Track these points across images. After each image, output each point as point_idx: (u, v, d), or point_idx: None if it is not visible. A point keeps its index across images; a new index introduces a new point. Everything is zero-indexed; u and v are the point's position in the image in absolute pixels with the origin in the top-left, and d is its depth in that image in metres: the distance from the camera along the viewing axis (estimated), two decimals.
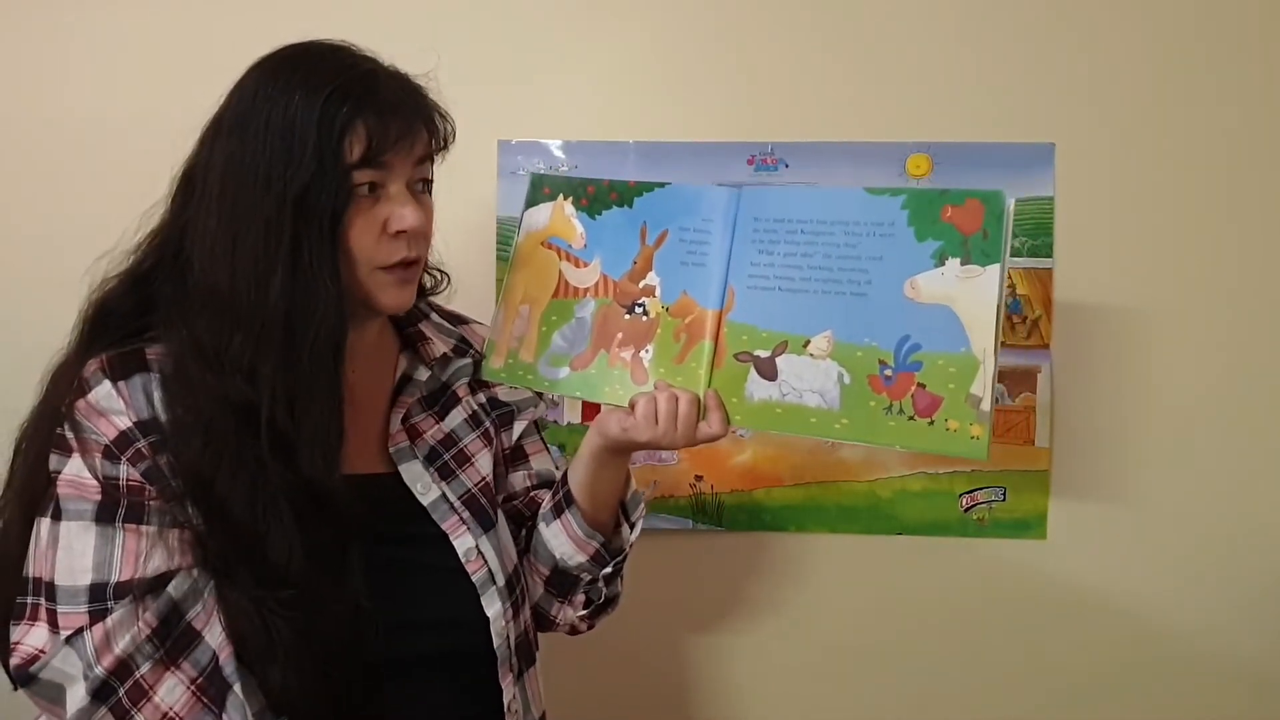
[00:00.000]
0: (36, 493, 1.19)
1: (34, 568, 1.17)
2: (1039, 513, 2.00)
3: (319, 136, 1.18)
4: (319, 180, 1.18)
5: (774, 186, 1.92)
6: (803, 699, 2.06)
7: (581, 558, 1.42)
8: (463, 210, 1.94)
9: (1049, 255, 1.97)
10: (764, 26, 1.98)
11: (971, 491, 2.00)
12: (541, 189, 1.47)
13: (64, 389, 1.21)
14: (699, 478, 2.02)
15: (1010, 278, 1.95)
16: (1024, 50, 1.97)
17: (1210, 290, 1.97)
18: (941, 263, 1.19)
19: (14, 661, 1.14)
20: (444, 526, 1.33)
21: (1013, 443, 1.98)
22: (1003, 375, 1.97)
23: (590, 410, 1.98)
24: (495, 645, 1.32)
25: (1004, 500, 2.00)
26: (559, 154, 1.99)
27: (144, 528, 1.16)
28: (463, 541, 1.33)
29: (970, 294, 1.17)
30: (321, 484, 1.19)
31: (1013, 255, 1.91)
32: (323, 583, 1.17)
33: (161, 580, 1.15)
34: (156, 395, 1.19)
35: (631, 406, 1.31)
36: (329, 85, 1.20)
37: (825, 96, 1.99)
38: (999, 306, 1.15)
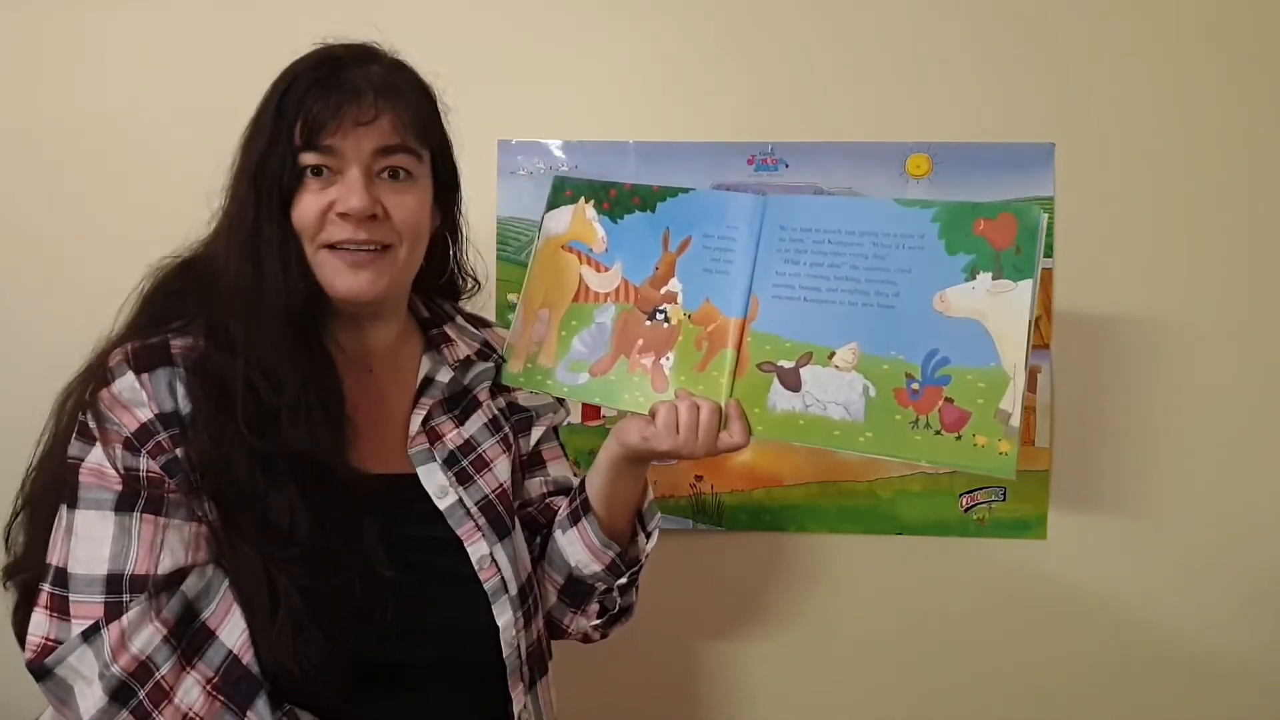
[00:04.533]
0: (60, 475, 1.19)
1: (50, 553, 1.16)
2: (1039, 513, 2.01)
3: (274, 120, 1.24)
4: (269, 159, 1.23)
5: (800, 195, 1.91)
6: (802, 697, 2.07)
7: (597, 567, 1.41)
8: (463, 210, 1.93)
9: (1049, 255, 1.98)
10: (764, 27, 1.98)
11: (971, 491, 2.01)
12: (563, 191, 1.45)
13: (101, 364, 1.22)
14: (699, 478, 2.02)
15: None
16: (1024, 50, 1.98)
17: (1210, 290, 1.99)
18: (973, 277, 1.18)
19: (27, 656, 1.14)
20: (459, 532, 1.31)
21: None
22: None
23: (590, 411, 1.97)
24: (505, 655, 1.31)
25: (1004, 500, 2.00)
26: (559, 154, 1.98)
27: (161, 519, 1.16)
28: (477, 548, 1.31)
29: (1002, 309, 1.16)
30: (312, 458, 1.19)
31: None
32: (333, 546, 1.17)
33: (176, 577, 1.15)
34: (179, 388, 1.19)
35: (652, 415, 1.30)
36: (293, 75, 1.26)
37: (825, 96, 1.99)
38: (1030, 322, 1.15)
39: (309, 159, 1.23)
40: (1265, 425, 2.00)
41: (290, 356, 1.20)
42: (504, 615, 1.31)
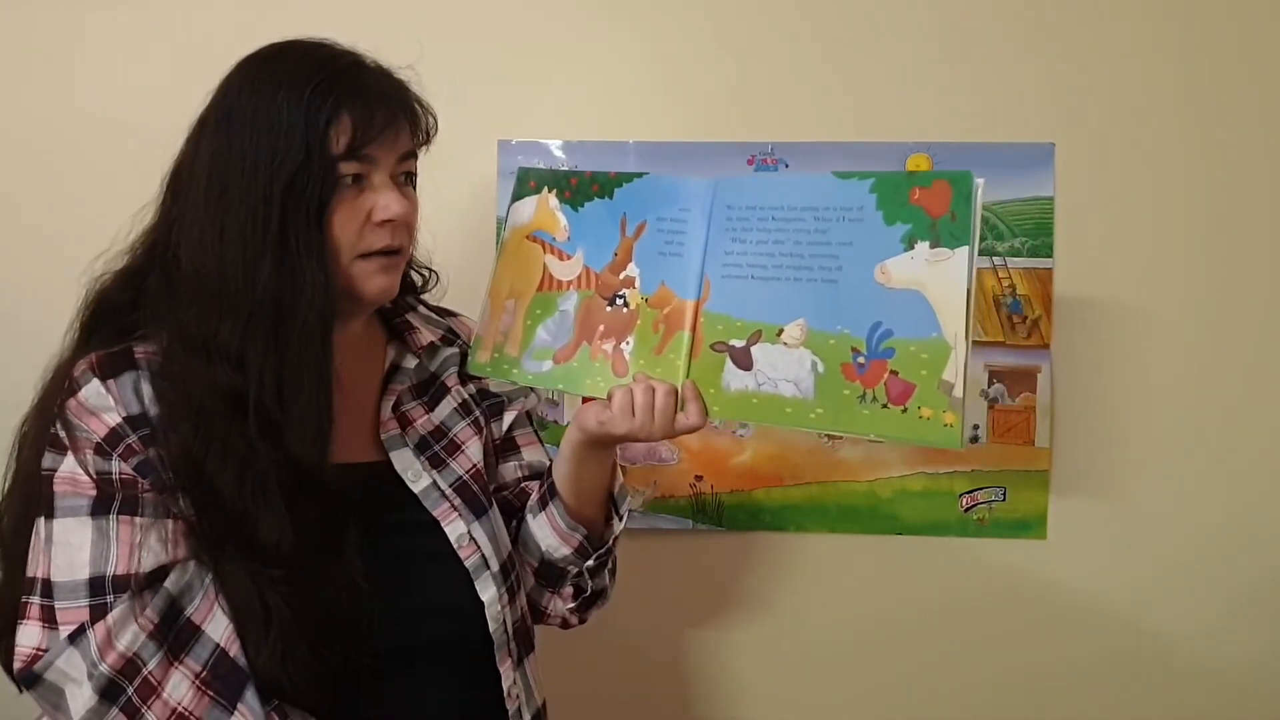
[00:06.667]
0: (33, 491, 1.20)
1: (31, 567, 1.17)
2: (1039, 513, 1.99)
3: (305, 127, 1.20)
4: (305, 169, 1.20)
5: (749, 175, 1.91)
6: (802, 698, 2.06)
7: (566, 550, 1.43)
8: (463, 210, 1.96)
9: (1049, 255, 1.96)
10: (764, 27, 1.99)
11: (971, 491, 1.99)
12: (527, 183, 1.47)
13: (59, 387, 1.22)
14: (699, 478, 2.02)
15: (1010, 277, 1.95)
16: (1024, 50, 1.97)
17: (1210, 290, 1.97)
18: (911, 246, 1.16)
19: (16, 665, 1.15)
20: (435, 513, 1.33)
21: (1013, 443, 1.98)
22: (1003, 375, 1.97)
23: None
24: (492, 630, 1.32)
25: (1004, 500, 1.99)
26: (559, 154, 2.00)
27: (138, 519, 1.17)
28: (454, 528, 1.33)
29: (940, 278, 1.14)
30: (311, 465, 1.19)
31: (1012, 255, 1.93)
32: (316, 562, 1.18)
33: (158, 575, 1.16)
34: (145, 391, 1.20)
35: (609, 399, 1.31)
36: (314, 77, 1.22)
37: (825, 96, 1.99)
38: (969, 290, 1.13)
39: (350, 168, 1.23)
40: (1266, 425, 1.97)
41: (313, 367, 1.21)
42: (488, 591, 1.33)
